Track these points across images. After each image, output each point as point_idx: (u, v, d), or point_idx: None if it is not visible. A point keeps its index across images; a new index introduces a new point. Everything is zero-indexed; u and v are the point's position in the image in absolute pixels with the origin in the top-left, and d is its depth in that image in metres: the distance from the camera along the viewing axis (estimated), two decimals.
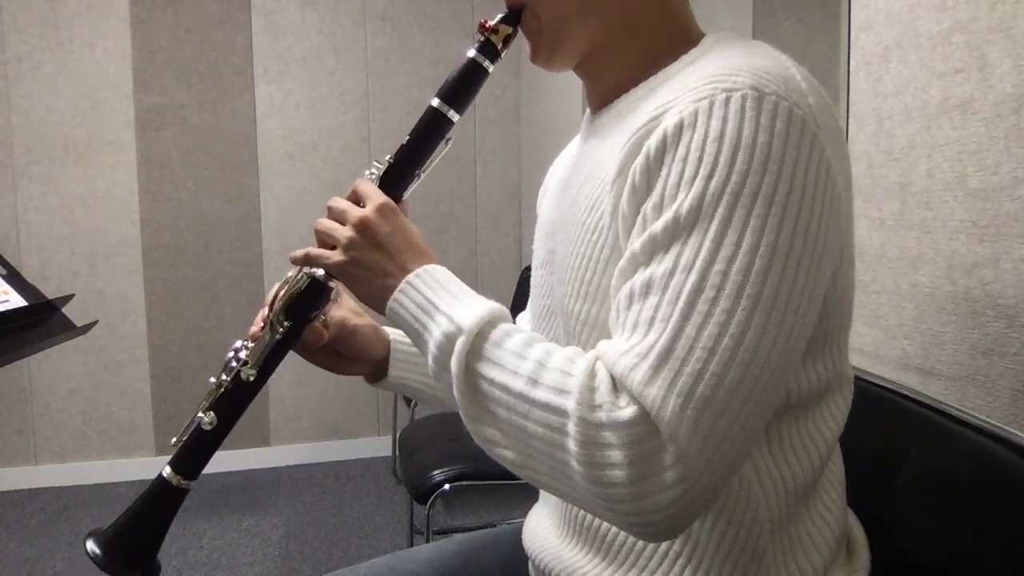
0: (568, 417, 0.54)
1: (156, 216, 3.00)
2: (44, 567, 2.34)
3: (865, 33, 1.07)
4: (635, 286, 0.56)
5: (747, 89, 0.54)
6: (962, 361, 0.90)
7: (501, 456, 0.60)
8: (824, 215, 0.56)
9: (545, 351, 0.58)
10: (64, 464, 2.99)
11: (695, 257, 0.53)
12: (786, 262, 0.53)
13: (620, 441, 0.52)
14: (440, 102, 0.74)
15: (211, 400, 0.75)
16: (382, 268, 0.67)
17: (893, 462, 0.80)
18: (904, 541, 0.76)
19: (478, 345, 0.60)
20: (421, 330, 0.63)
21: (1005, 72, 0.81)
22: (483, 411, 0.60)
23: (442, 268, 0.67)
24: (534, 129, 3.09)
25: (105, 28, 2.89)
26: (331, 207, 0.72)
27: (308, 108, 3.10)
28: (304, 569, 2.31)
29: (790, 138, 0.54)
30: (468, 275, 3.31)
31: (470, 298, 0.64)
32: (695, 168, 0.54)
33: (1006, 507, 0.67)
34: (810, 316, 0.56)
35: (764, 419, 0.55)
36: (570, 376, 0.55)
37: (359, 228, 0.68)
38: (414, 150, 0.75)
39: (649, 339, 0.53)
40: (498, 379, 0.58)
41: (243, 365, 0.75)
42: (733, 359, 0.52)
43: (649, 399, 0.51)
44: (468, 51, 0.73)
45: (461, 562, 0.91)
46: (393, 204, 0.70)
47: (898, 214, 1.00)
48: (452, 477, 1.78)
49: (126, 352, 3.01)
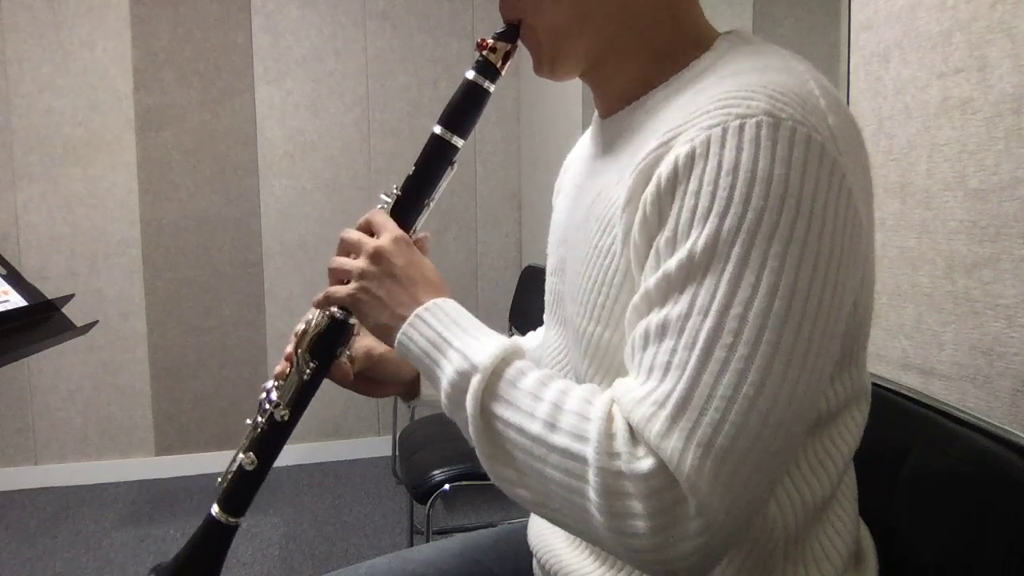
0: (587, 465, 0.53)
1: (156, 216, 3.00)
2: (44, 567, 2.34)
3: (865, 33, 1.07)
4: (651, 327, 0.54)
5: (762, 115, 0.52)
6: (962, 361, 0.89)
7: (518, 496, 0.59)
8: (845, 248, 0.53)
9: (560, 391, 0.57)
10: (64, 464, 2.99)
11: (711, 300, 0.51)
12: (806, 303, 0.51)
13: (640, 492, 0.51)
14: (443, 129, 0.73)
15: (249, 441, 0.78)
16: (394, 298, 0.66)
17: (893, 462, 0.80)
18: (904, 541, 0.76)
19: (493, 384, 0.59)
20: (432, 366, 0.63)
21: (1005, 72, 0.81)
22: (499, 451, 0.59)
23: (452, 302, 0.66)
24: (534, 129, 3.09)
25: (105, 28, 2.89)
26: (345, 238, 0.72)
27: (308, 108, 3.10)
28: (304, 569, 2.31)
29: (808, 169, 0.51)
30: (468, 275, 3.31)
31: (482, 334, 0.63)
32: (709, 203, 0.52)
33: (1006, 507, 0.67)
34: (831, 353, 0.55)
35: (786, 462, 0.54)
36: (587, 421, 0.54)
37: (373, 258, 0.68)
38: (422, 181, 0.74)
39: (665, 386, 0.52)
40: (514, 421, 0.57)
41: (275, 407, 0.76)
42: (753, 408, 0.50)
43: (668, 452, 0.50)
44: (467, 72, 0.72)
45: (462, 562, 0.91)
46: (407, 237, 0.70)
47: (898, 214, 1.00)
48: (452, 477, 1.78)
49: (126, 352, 3.01)
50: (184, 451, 3.07)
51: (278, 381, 0.79)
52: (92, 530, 2.57)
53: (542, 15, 0.68)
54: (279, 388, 0.78)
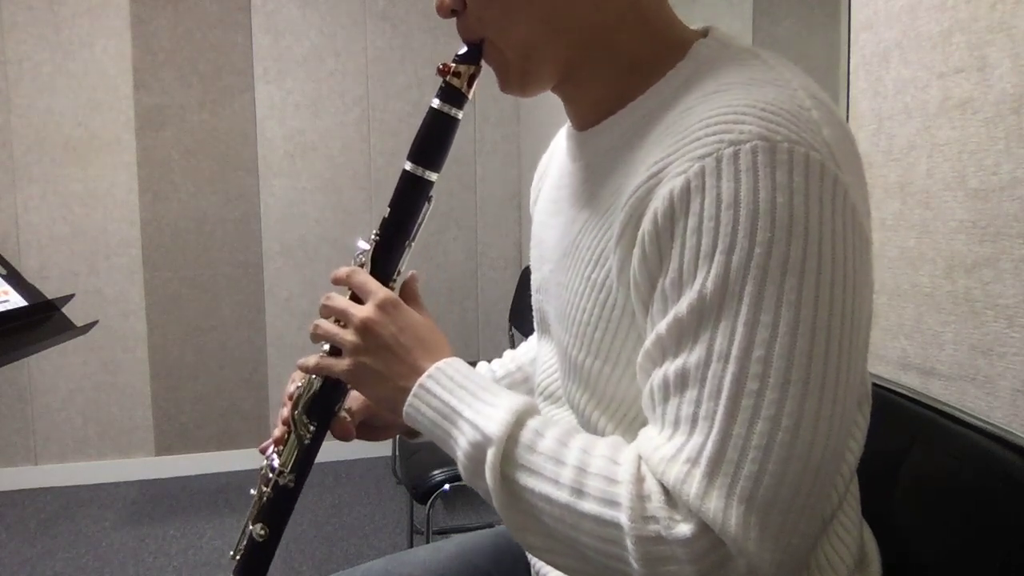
0: (624, 532, 0.50)
1: (156, 216, 3.00)
2: (44, 567, 2.34)
3: (865, 33, 1.07)
4: (669, 376, 0.52)
5: (756, 140, 0.49)
6: (962, 361, 0.89)
7: (553, 563, 0.57)
8: (857, 268, 0.51)
9: (582, 451, 0.55)
10: (64, 464, 2.99)
11: (730, 344, 0.49)
12: (828, 334, 0.49)
13: (685, 557, 0.49)
14: (414, 165, 0.68)
15: (257, 511, 0.75)
16: (392, 372, 0.64)
17: (893, 462, 0.80)
18: (904, 541, 0.76)
19: (510, 450, 0.56)
20: (445, 437, 0.61)
21: (1005, 72, 0.81)
22: (528, 519, 0.56)
23: (456, 362, 0.64)
24: (534, 129, 3.09)
25: (105, 28, 2.89)
26: (329, 306, 0.67)
27: (308, 108, 3.10)
28: (304, 569, 2.30)
29: (811, 192, 0.49)
30: (468, 275, 3.31)
31: (491, 396, 0.60)
32: (712, 240, 0.49)
33: (1006, 507, 0.67)
34: (858, 376, 0.53)
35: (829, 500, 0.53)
36: (616, 483, 0.52)
37: (362, 332, 0.64)
38: (399, 223, 0.70)
39: (696, 440, 0.50)
40: (539, 490, 0.55)
41: (279, 474, 0.74)
42: (792, 453, 0.48)
43: (711, 514, 0.48)
44: (432, 101, 0.67)
45: (458, 564, 0.91)
46: (395, 299, 0.66)
47: (898, 214, 1.00)
48: (452, 477, 1.78)
49: (126, 352, 3.01)
50: (184, 451, 3.07)
51: (278, 447, 0.76)
52: (92, 530, 2.57)
53: (507, 32, 0.64)
54: (280, 454, 0.75)
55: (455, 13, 0.66)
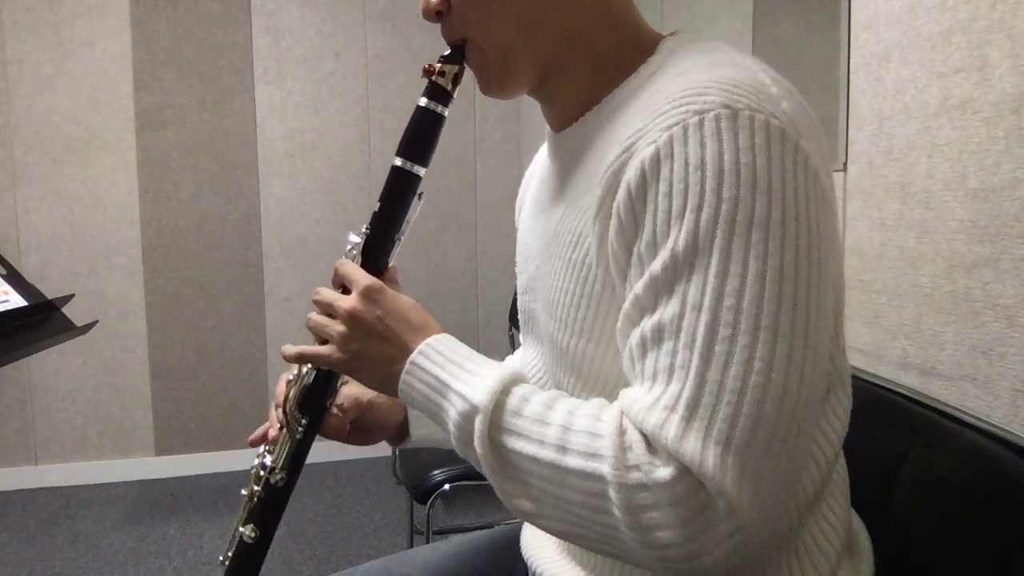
0: (606, 483, 0.52)
1: (156, 216, 3.00)
2: (44, 567, 2.34)
3: (865, 33, 1.07)
4: (646, 332, 0.54)
5: (719, 108, 0.52)
6: (962, 361, 0.89)
7: (545, 527, 0.58)
8: (820, 225, 0.54)
9: (567, 412, 0.56)
10: (64, 464, 2.99)
11: (701, 295, 0.51)
12: (796, 283, 0.51)
13: (666, 501, 0.50)
14: (403, 160, 0.71)
15: (248, 512, 0.76)
16: (383, 355, 0.65)
17: (893, 462, 0.80)
18: (904, 541, 0.76)
19: (497, 418, 0.58)
20: (437, 411, 0.62)
21: (1005, 72, 0.81)
22: (517, 484, 0.58)
23: (444, 337, 0.65)
24: (534, 129, 3.09)
25: (105, 28, 2.89)
26: (317, 300, 0.70)
27: (308, 108, 3.10)
28: (304, 569, 2.31)
29: (772, 153, 0.52)
30: (468, 275, 3.31)
31: (479, 367, 0.62)
32: (682, 201, 0.52)
33: (1006, 507, 0.67)
34: (827, 328, 0.55)
35: (807, 444, 0.53)
36: (599, 437, 0.54)
37: (349, 322, 0.66)
38: (388, 216, 0.72)
39: (673, 388, 0.51)
40: (526, 451, 0.56)
41: (270, 472, 0.74)
42: (765, 395, 0.50)
43: (688, 455, 0.49)
44: (419, 100, 0.71)
45: (458, 564, 0.91)
46: (378, 284, 0.68)
47: (898, 214, 1.00)
48: (452, 477, 1.78)
49: (126, 352, 3.01)
50: (184, 451, 3.07)
51: (270, 446, 0.76)
52: (92, 530, 2.57)
53: (488, 33, 0.67)
54: (272, 452, 0.75)
55: (440, 16, 0.69)
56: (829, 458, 0.64)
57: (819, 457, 0.64)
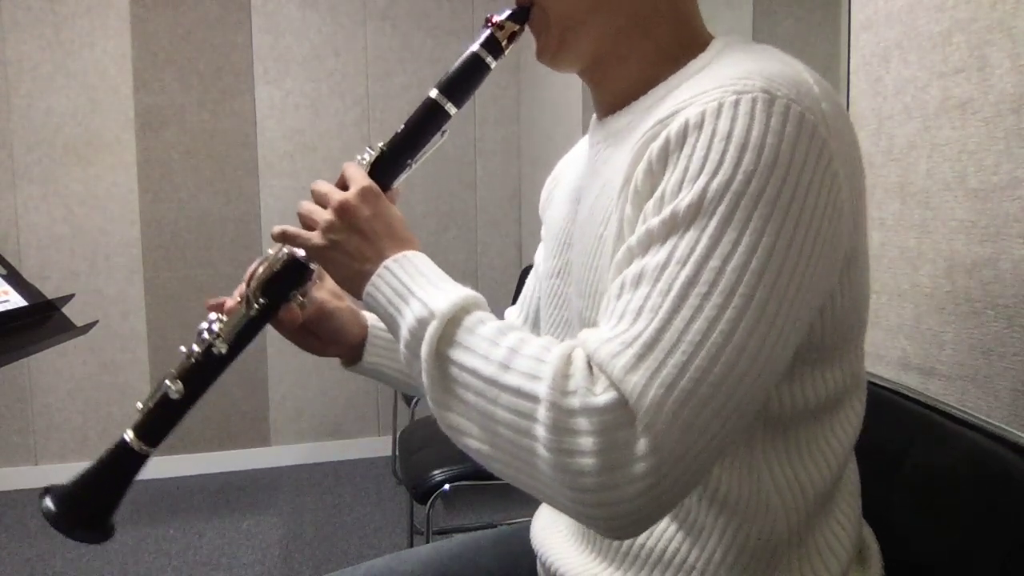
0: (539, 403, 0.52)
1: (156, 216, 3.00)
2: (44, 567, 2.34)
3: (865, 33, 1.07)
4: (627, 277, 0.55)
5: (758, 92, 0.53)
6: (962, 361, 0.89)
7: (466, 445, 0.59)
8: (824, 227, 0.54)
9: (520, 339, 0.57)
10: (64, 464, 2.99)
11: (690, 252, 0.52)
12: (782, 266, 0.52)
13: (592, 428, 0.50)
14: (439, 93, 0.72)
15: (180, 369, 0.75)
16: (360, 252, 0.66)
17: (893, 462, 0.80)
18: (904, 541, 0.76)
19: (450, 331, 0.58)
20: (395, 314, 0.62)
21: (1005, 72, 0.81)
22: (451, 397, 0.58)
23: (422, 255, 0.66)
24: (534, 129, 3.09)
25: (105, 28, 2.89)
26: (314, 190, 0.71)
27: (308, 108, 3.10)
28: (304, 569, 2.31)
29: (799, 142, 0.53)
30: (468, 275, 3.31)
31: (447, 284, 0.62)
32: (700, 165, 0.53)
33: (1006, 507, 0.67)
34: (801, 324, 0.55)
35: (743, 423, 0.54)
36: (543, 363, 0.54)
37: (338, 211, 0.67)
38: (408, 138, 0.73)
39: (636, 328, 0.52)
40: (468, 364, 0.57)
41: (215, 338, 0.74)
42: (720, 355, 0.51)
43: (630, 386, 0.50)
44: (472, 45, 0.71)
45: (460, 563, 0.91)
46: (376, 188, 0.69)
47: (898, 214, 1.00)
48: (452, 477, 1.78)
49: (126, 352, 3.01)
50: (184, 451, 3.07)
51: (224, 315, 0.76)
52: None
53: (557, 1, 0.69)
54: (224, 322, 0.75)
55: None
56: (840, 459, 0.65)
57: (829, 457, 0.64)
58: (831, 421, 0.64)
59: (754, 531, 0.62)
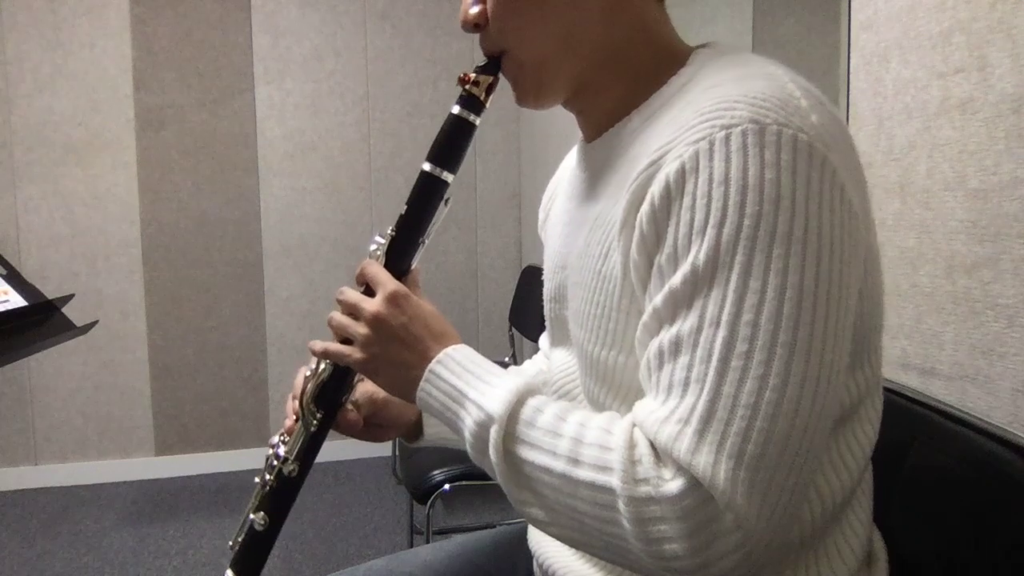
0: (616, 496, 0.52)
1: (156, 216, 3.00)
2: (44, 567, 2.34)
3: (865, 33, 1.07)
4: (664, 345, 0.54)
5: (746, 123, 0.52)
6: (962, 361, 0.89)
7: (557, 535, 0.59)
8: (845, 242, 0.53)
9: (579, 424, 0.57)
10: (64, 464, 2.99)
11: (720, 310, 0.51)
12: (815, 300, 0.51)
13: (672, 515, 0.50)
14: (432, 166, 0.72)
15: (259, 500, 0.76)
16: (403, 361, 0.66)
17: (893, 462, 0.80)
18: (904, 541, 0.76)
19: (511, 428, 0.59)
20: (454, 419, 0.63)
21: (1005, 72, 0.81)
22: (530, 493, 0.59)
23: (463, 348, 0.66)
24: (534, 129, 3.09)
25: (105, 28, 2.89)
26: (342, 300, 0.71)
27: (308, 108, 3.10)
28: (304, 569, 2.31)
29: (798, 169, 0.52)
30: (468, 275, 3.31)
31: (496, 378, 0.62)
32: (704, 215, 0.52)
33: (1006, 507, 0.67)
34: (845, 346, 0.55)
35: (817, 462, 0.54)
36: (609, 450, 0.54)
37: (373, 325, 0.67)
38: (414, 219, 0.73)
39: (687, 402, 0.52)
40: (538, 462, 0.57)
41: (283, 462, 0.75)
42: (779, 411, 0.50)
43: (700, 468, 0.50)
44: (452, 108, 0.72)
45: (460, 564, 0.91)
46: (404, 290, 0.69)
47: (898, 214, 1.00)
48: (452, 477, 1.78)
49: (126, 352, 3.01)
50: (184, 451, 3.07)
51: (284, 436, 0.78)
52: (92, 530, 2.57)
53: (527, 46, 0.68)
54: (286, 443, 0.76)
55: (478, 28, 0.70)
56: (860, 464, 0.64)
57: (850, 463, 0.64)
58: (852, 428, 0.64)
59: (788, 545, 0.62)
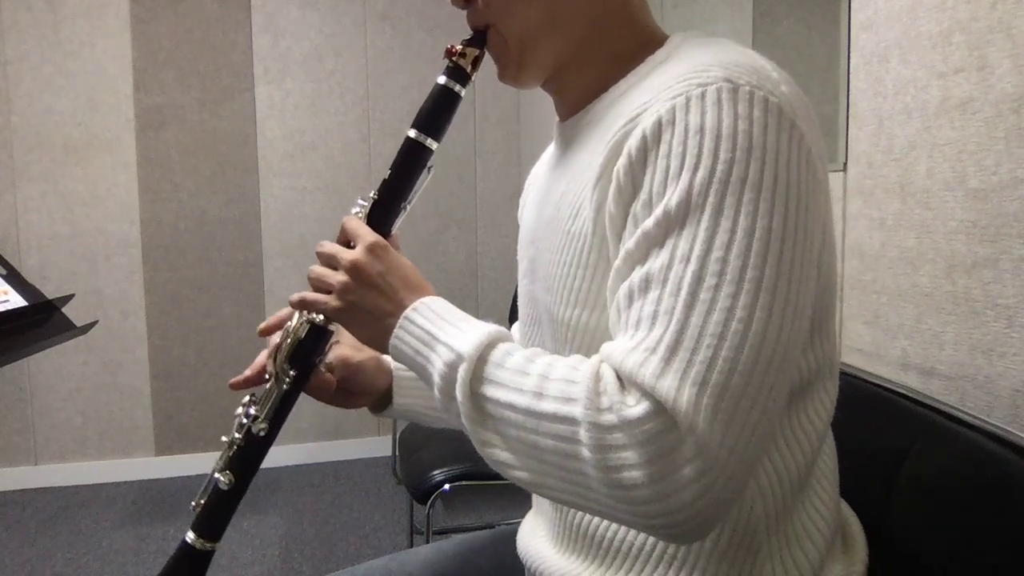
0: (578, 424, 0.53)
1: (156, 216, 3.00)
2: (44, 567, 2.34)
3: (865, 33, 1.07)
4: (634, 283, 0.56)
5: (721, 82, 0.55)
6: (962, 361, 0.89)
7: (517, 478, 0.59)
8: (809, 198, 0.56)
9: (547, 363, 0.57)
10: (64, 464, 2.99)
11: (691, 247, 0.53)
12: (782, 243, 0.53)
13: (634, 440, 0.50)
14: (417, 132, 0.73)
15: (225, 459, 0.76)
16: (380, 308, 0.67)
17: (893, 462, 0.80)
18: (904, 541, 0.76)
19: (480, 369, 0.59)
20: (424, 363, 0.63)
21: (1005, 72, 0.81)
22: (493, 434, 0.59)
23: (439, 299, 0.67)
24: (534, 129, 3.09)
25: (105, 28, 2.89)
26: (321, 252, 0.72)
27: (308, 108, 3.10)
28: (304, 569, 2.31)
29: (768, 124, 0.54)
30: (468, 275, 3.31)
31: (468, 324, 0.63)
32: (680, 162, 0.54)
33: (1006, 507, 0.67)
34: (809, 294, 0.57)
35: (780, 402, 0.54)
36: (574, 383, 0.54)
37: (351, 272, 0.68)
38: (397, 183, 0.74)
39: (655, 333, 0.52)
40: (503, 399, 0.57)
41: (253, 420, 0.75)
42: (744, 342, 0.51)
43: (663, 391, 0.50)
44: (438, 78, 0.73)
45: (459, 564, 0.91)
46: (383, 242, 0.70)
47: (898, 214, 1.00)
48: (452, 477, 1.78)
49: (126, 352, 3.01)
50: (184, 451, 3.07)
51: (255, 396, 0.77)
52: (92, 530, 2.57)
53: (511, 20, 0.70)
54: (257, 402, 0.76)
55: (468, 3, 0.73)
56: (814, 443, 0.66)
57: (803, 441, 0.65)
58: (804, 405, 0.65)
59: (730, 519, 0.63)
